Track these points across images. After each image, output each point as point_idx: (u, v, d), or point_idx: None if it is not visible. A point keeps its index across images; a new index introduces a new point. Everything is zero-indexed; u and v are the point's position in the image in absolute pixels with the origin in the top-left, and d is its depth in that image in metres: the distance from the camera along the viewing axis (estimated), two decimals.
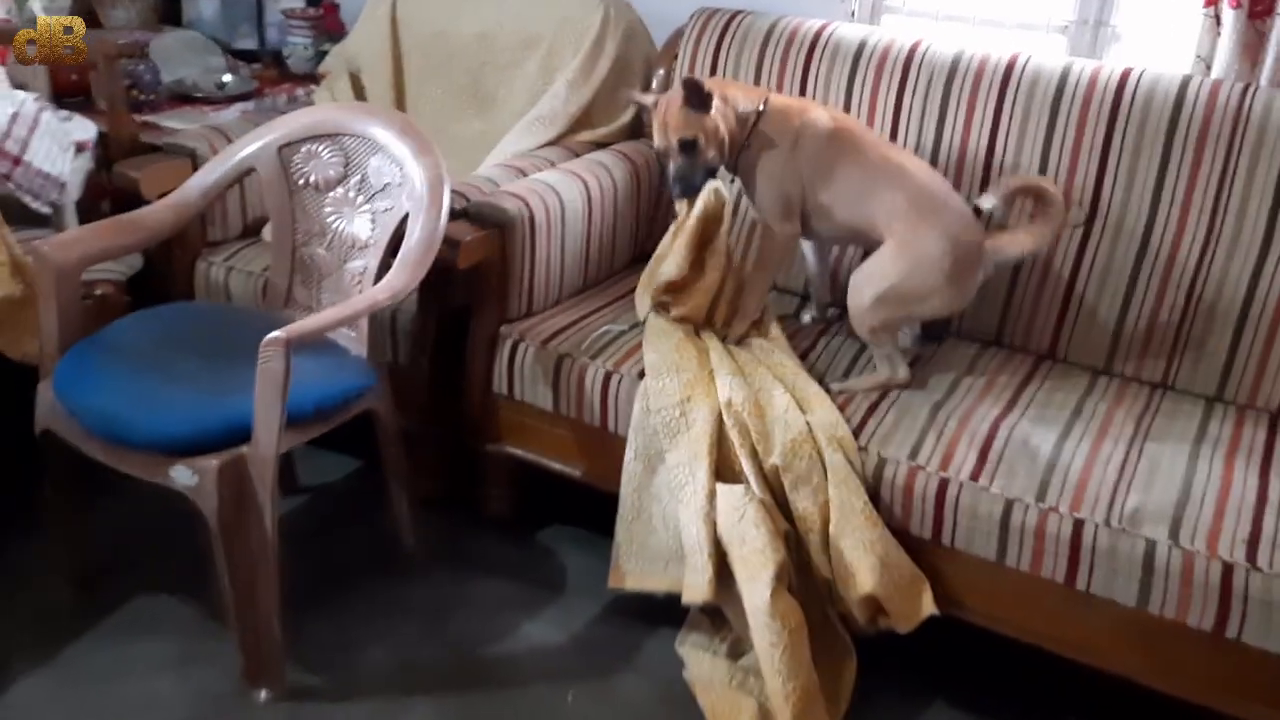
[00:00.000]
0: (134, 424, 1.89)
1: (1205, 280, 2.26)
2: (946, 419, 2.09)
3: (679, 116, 2.19)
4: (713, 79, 2.32)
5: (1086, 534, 1.86)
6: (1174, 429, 2.12)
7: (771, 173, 2.27)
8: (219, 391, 1.95)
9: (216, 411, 1.90)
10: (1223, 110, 2.23)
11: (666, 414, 2.13)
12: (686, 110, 2.19)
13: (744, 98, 2.26)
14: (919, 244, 2.17)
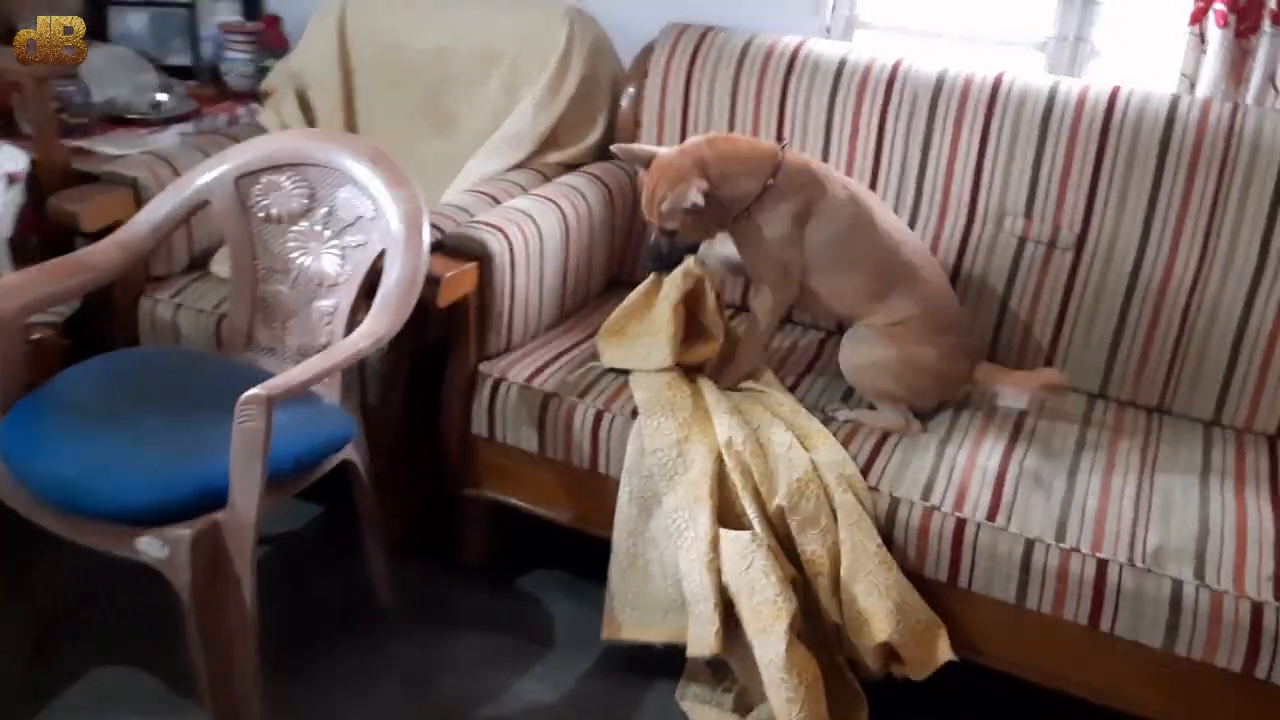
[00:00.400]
0: (94, 492, 1.72)
1: (1200, 302, 2.23)
2: (955, 456, 2.03)
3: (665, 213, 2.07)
4: (714, 138, 2.15)
5: (1111, 574, 1.81)
6: (1179, 459, 2.08)
7: (775, 241, 2.13)
8: (186, 452, 1.79)
9: (186, 475, 1.74)
10: (1214, 130, 2.20)
11: (663, 454, 2.02)
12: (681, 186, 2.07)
13: (746, 175, 2.10)
14: (920, 357, 2.13)
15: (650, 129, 2.61)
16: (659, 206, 2.07)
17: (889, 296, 2.16)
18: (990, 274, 2.36)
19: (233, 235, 2.13)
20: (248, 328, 2.16)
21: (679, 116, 2.57)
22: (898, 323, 2.14)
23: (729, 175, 2.08)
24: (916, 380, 2.13)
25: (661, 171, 2.08)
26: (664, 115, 2.59)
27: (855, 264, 2.16)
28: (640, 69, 2.64)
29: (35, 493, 1.76)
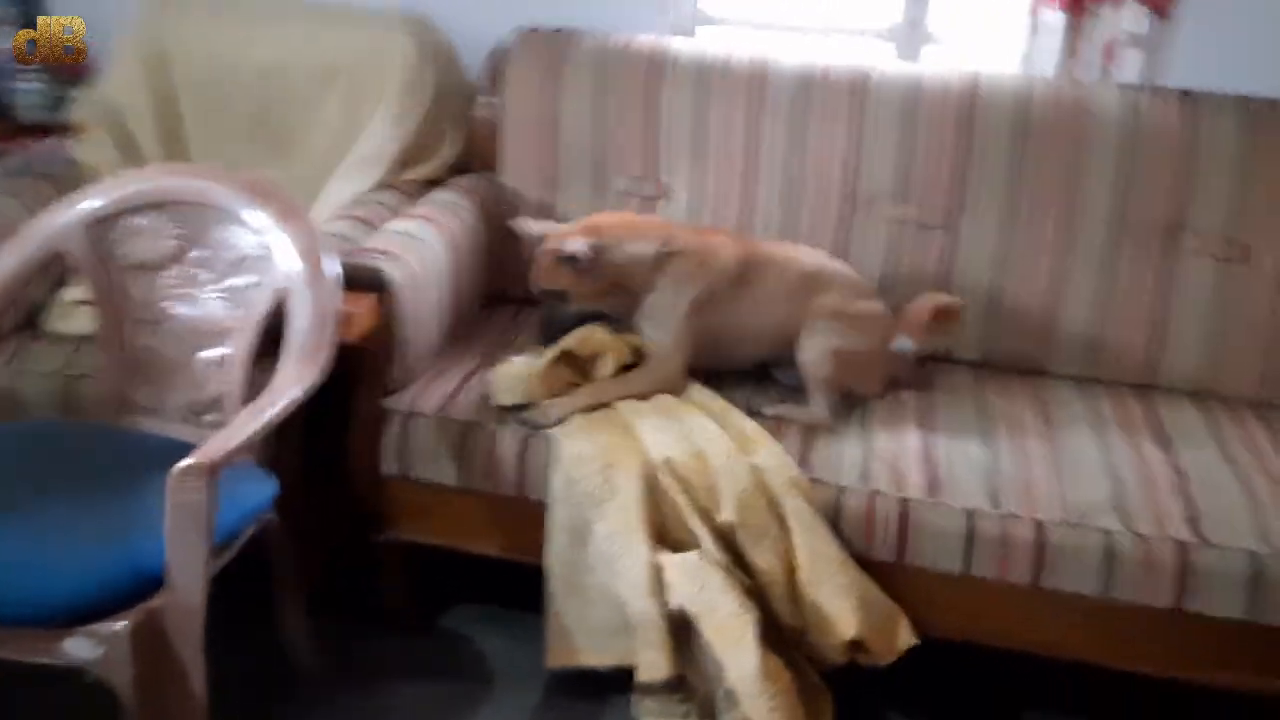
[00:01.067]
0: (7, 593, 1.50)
1: (1065, 267, 2.37)
2: (879, 443, 2.07)
3: (549, 269, 2.11)
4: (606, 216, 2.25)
5: (1049, 534, 1.90)
6: (1072, 416, 2.21)
7: (678, 313, 2.16)
8: (105, 536, 1.59)
9: (114, 562, 1.55)
10: (1066, 107, 2.34)
11: (588, 483, 1.97)
12: (556, 263, 2.10)
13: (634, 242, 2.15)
14: (873, 329, 2.24)
15: (515, 138, 2.53)
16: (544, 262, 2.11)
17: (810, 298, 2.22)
18: (870, 255, 2.42)
19: (95, 288, 1.92)
20: (120, 389, 1.94)
21: (544, 124, 2.51)
22: (846, 316, 2.20)
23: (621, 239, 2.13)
24: (871, 366, 2.22)
25: (544, 250, 2.15)
26: (527, 123, 2.51)
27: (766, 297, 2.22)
28: (497, 77, 2.55)
29: None
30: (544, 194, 2.54)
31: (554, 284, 2.13)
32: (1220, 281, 2.33)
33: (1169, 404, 2.29)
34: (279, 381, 1.70)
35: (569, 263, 2.10)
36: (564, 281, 2.12)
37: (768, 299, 2.23)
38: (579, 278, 2.11)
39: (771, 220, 2.45)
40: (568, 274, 2.11)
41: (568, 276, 2.11)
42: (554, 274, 2.12)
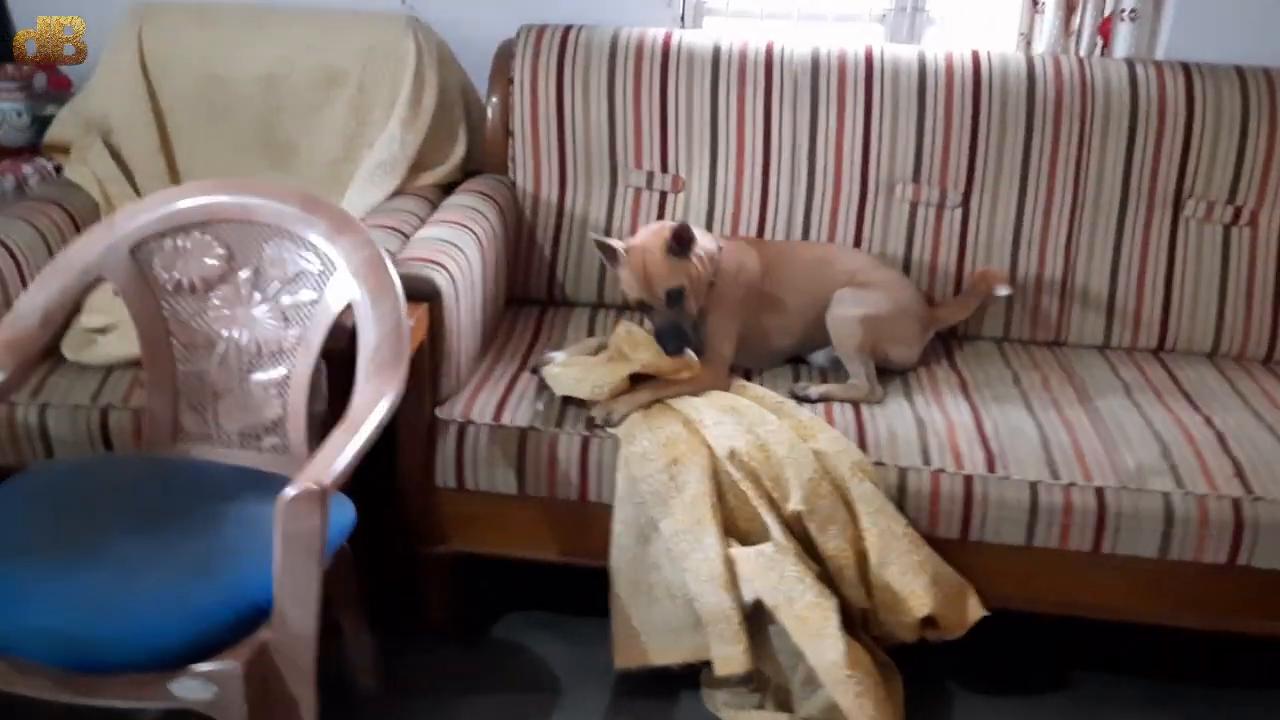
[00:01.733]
0: (109, 640, 1.44)
1: (1078, 241, 2.44)
2: (929, 417, 2.11)
3: (663, 265, 2.08)
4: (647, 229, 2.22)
5: (1109, 500, 1.95)
6: (1102, 383, 2.28)
7: (731, 311, 2.20)
8: (200, 571, 1.53)
9: (217, 598, 1.49)
10: (1069, 84, 2.41)
11: (653, 481, 1.97)
12: (670, 257, 2.08)
13: (703, 236, 2.19)
14: (899, 290, 2.30)
15: (524, 138, 2.50)
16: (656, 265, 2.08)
17: (833, 266, 2.31)
18: (889, 239, 2.46)
19: (140, 314, 1.84)
20: (170, 417, 1.87)
21: (554, 121, 2.48)
22: (869, 283, 2.26)
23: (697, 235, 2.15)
24: (904, 328, 2.25)
25: (644, 246, 2.12)
26: (538, 121, 2.49)
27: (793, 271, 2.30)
28: (502, 76, 2.51)
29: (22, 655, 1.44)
30: (557, 193, 2.52)
31: (675, 282, 2.09)
32: (1226, 245, 2.42)
33: (1187, 365, 2.37)
34: (361, 398, 1.65)
35: (681, 254, 2.09)
36: (682, 278, 2.09)
37: (792, 291, 2.28)
38: (691, 271, 2.10)
39: (788, 209, 2.47)
40: (682, 268, 2.09)
41: (683, 270, 2.09)
42: (670, 271, 2.08)
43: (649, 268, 2.09)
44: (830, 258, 2.36)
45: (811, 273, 2.31)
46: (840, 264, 2.34)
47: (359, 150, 2.49)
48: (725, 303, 2.20)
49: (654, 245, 2.10)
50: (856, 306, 2.23)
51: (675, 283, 2.08)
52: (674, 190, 2.50)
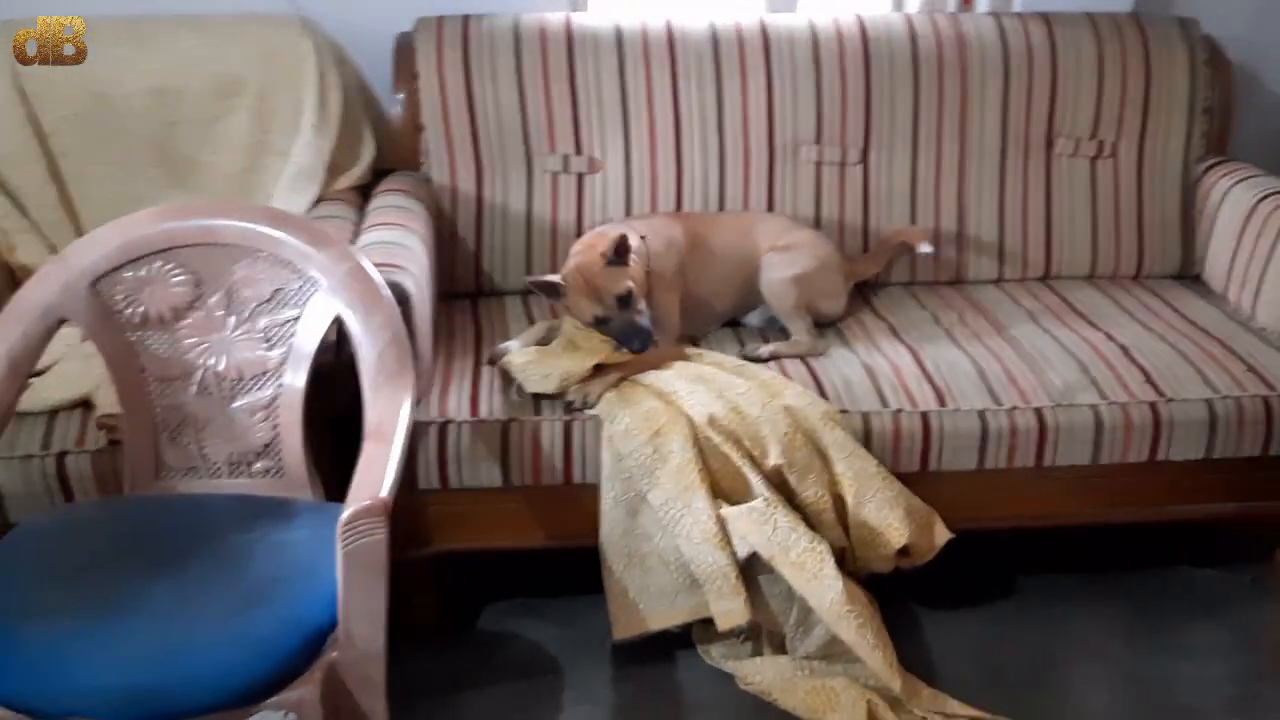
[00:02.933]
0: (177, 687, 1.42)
1: (966, 187, 2.63)
2: (874, 363, 2.25)
3: (606, 275, 2.14)
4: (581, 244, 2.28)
5: (1047, 418, 2.15)
6: (1010, 313, 2.49)
7: (670, 285, 2.28)
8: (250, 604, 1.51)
9: (277, 629, 1.48)
10: (947, 40, 2.59)
11: (638, 455, 2.04)
12: (609, 267, 2.13)
13: (627, 228, 2.24)
14: (819, 247, 2.44)
15: (436, 131, 2.49)
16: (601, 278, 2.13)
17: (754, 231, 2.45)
18: (799, 200, 2.59)
19: (108, 351, 1.76)
20: (154, 453, 1.81)
21: (465, 112, 2.48)
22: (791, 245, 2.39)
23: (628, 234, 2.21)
24: (830, 281, 2.41)
25: (580, 266, 2.16)
26: (448, 114, 2.48)
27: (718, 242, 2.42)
28: (406, 70, 2.49)
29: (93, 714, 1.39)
30: (474, 184, 2.52)
31: (621, 287, 2.13)
32: (1093, 177, 2.67)
33: (1075, 290, 2.61)
34: (376, 410, 1.65)
35: (621, 260, 2.14)
36: (626, 281, 2.14)
37: (720, 258, 2.39)
38: (634, 273, 2.16)
39: (702, 180, 2.56)
40: (626, 272, 2.14)
41: (627, 274, 2.14)
42: (615, 278, 2.13)
43: (593, 282, 2.14)
44: (750, 223, 2.48)
45: (735, 239, 2.42)
46: (761, 228, 2.46)
47: (265, 159, 2.42)
48: (664, 279, 2.28)
49: (591, 260, 2.16)
50: (786, 268, 2.35)
51: (622, 287, 2.14)
52: (591, 171, 2.55)
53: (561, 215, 2.54)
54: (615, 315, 2.14)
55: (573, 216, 2.54)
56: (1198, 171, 2.68)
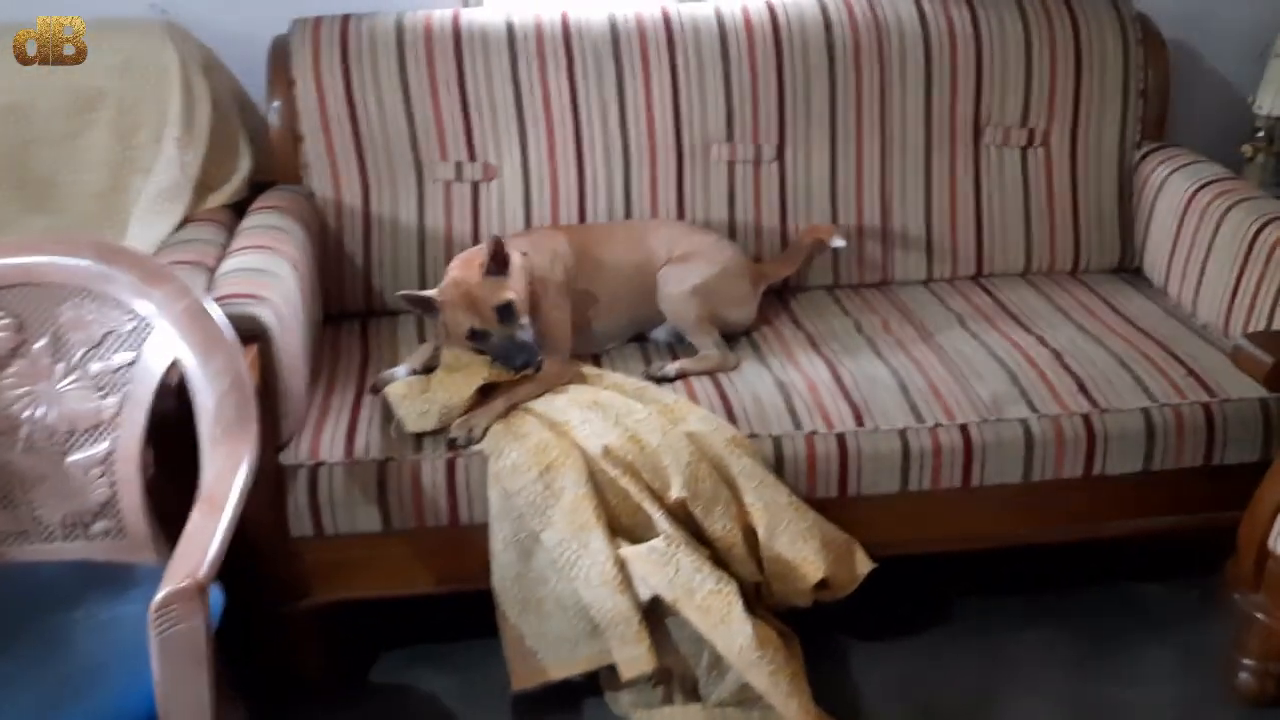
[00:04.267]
0: None
1: (890, 185, 2.47)
2: (787, 378, 2.10)
3: (485, 286, 1.98)
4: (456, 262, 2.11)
5: (973, 435, 2.00)
6: (936, 317, 2.33)
7: (557, 301, 2.12)
8: (57, 702, 1.34)
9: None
10: (864, 25, 2.42)
11: (528, 492, 1.88)
12: (488, 278, 1.98)
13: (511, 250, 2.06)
14: (719, 252, 2.28)
15: (316, 141, 2.31)
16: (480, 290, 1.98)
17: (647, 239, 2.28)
18: (711, 203, 2.43)
19: None
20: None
21: (346, 120, 2.30)
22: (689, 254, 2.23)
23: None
24: (735, 288, 2.24)
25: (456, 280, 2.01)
26: (328, 122, 2.30)
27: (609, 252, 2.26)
28: (282, 77, 2.30)
29: None
30: (360, 197, 2.35)
31: (502, 297, 1.97)
32: (1025, 167, 2.51)
33: (1007, 288, 2.46)
34: (213, 470, 1.48)
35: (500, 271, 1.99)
36: (508, 292, 1.98)
37: (612, 271, 2.23)
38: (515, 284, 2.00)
39: (606, 185, 2.39)
40: (507, 283, 1.99)
41: (508, 285, 1.99)
42: (495, 288, 1.98)
43: (472, 293, 1.98)
44: (642, 232, 2.32)
45: (627, 250, 2.27)
46: (655, 237, 2.30)
47: (129, 178, 2.23)
48: (549, 295, 2.12)
49: (469, 273, 2.01)
50: (683, 281, 2.19)
51: (501, 298, 1.98)
52: (486, 179, 2.37)
53: (456, 227, 2.37)
54: (495, 330, 1.98)
55: (468, 228, 2.37)
56: (1135, 158, 2.53)
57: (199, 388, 1.56)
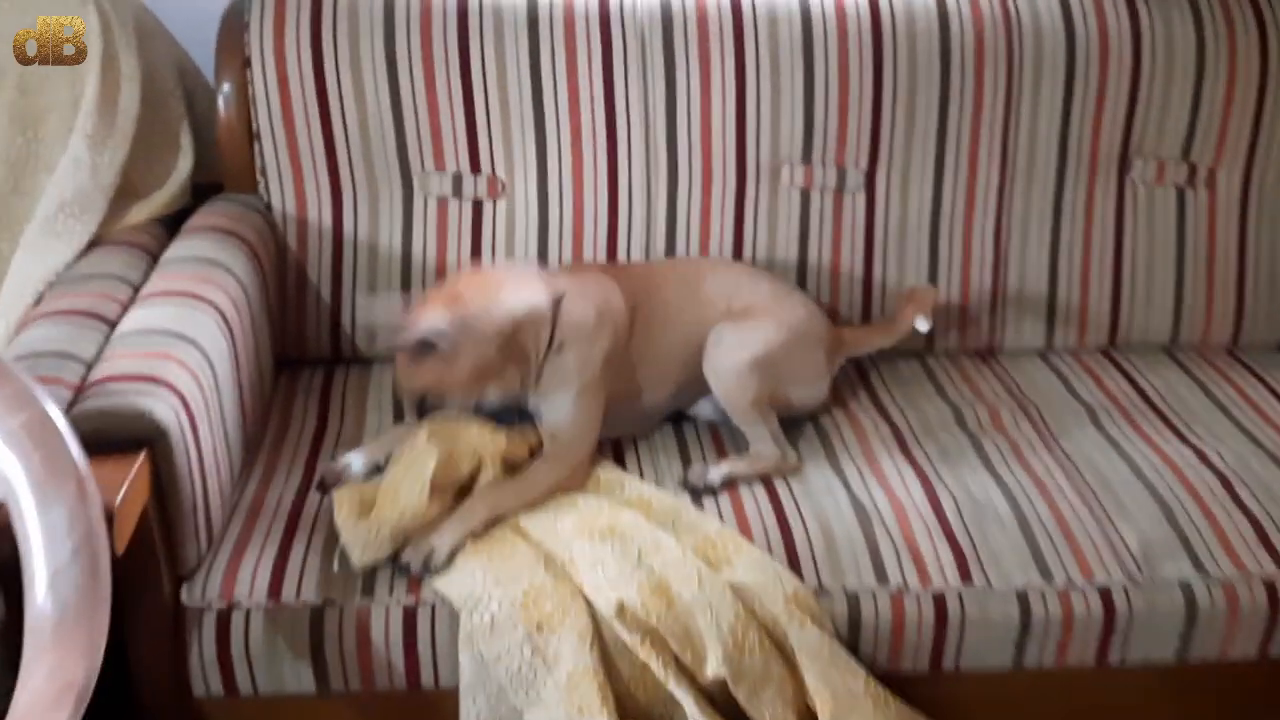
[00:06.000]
0: None
1: (1009, 220, 1.95)
2: (870, 499, 1.58)
3: (402, 368, 1.57)
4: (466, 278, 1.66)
5: (1117, 602, 1.48)
6: (1062, 409, 1.82)
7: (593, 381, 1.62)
8: None
9: None
10: (992, 24, 1.88)
11: (511, 659, 1.38)
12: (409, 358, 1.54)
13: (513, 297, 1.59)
14: (789, 310, 1.75)
15: (275, 139, 1.80)
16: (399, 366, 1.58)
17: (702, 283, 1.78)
18: (778, 239, 1.91)
19: None
20: None
21: (316, 113, 1.79)
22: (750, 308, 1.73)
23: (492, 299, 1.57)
24: (806, 361, 1.74)
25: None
26: (291, 115, 1.79)
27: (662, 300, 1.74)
28: (233, 55, 1.79)
29: None
30: (330, 213, 1.84)
31: (417, 383, 1.51)
32: (1181, 211, 1.97)
33: (1149, 369, 1.94)
34: (26, 696, 0.99)
35: (427, 350, 1.48)
36: (428, 378, 1.50)
37: (663, 329, 1.72)
38: (447, 368, 1.50)
39: (644, 212, 1.88)
40: (432, 367, 1.49)
41: (432, 370, 1.50)
42: (413, 371, 1.51)
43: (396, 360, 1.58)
44: (697, 274, 1.81)
45: (683, 299, 1.75)
46: (710, 279, 1.79)
47: (35, 177, 1.72)
48: (585, 369, 1.61)
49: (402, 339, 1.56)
50: (740, 349, 1.68)
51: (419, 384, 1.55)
52: (491, 196, 1.86)
53: (451, 256, 1.86)
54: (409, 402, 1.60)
55: (466, 258, 1.87)
56: None
57: (31, 549, 1.06)
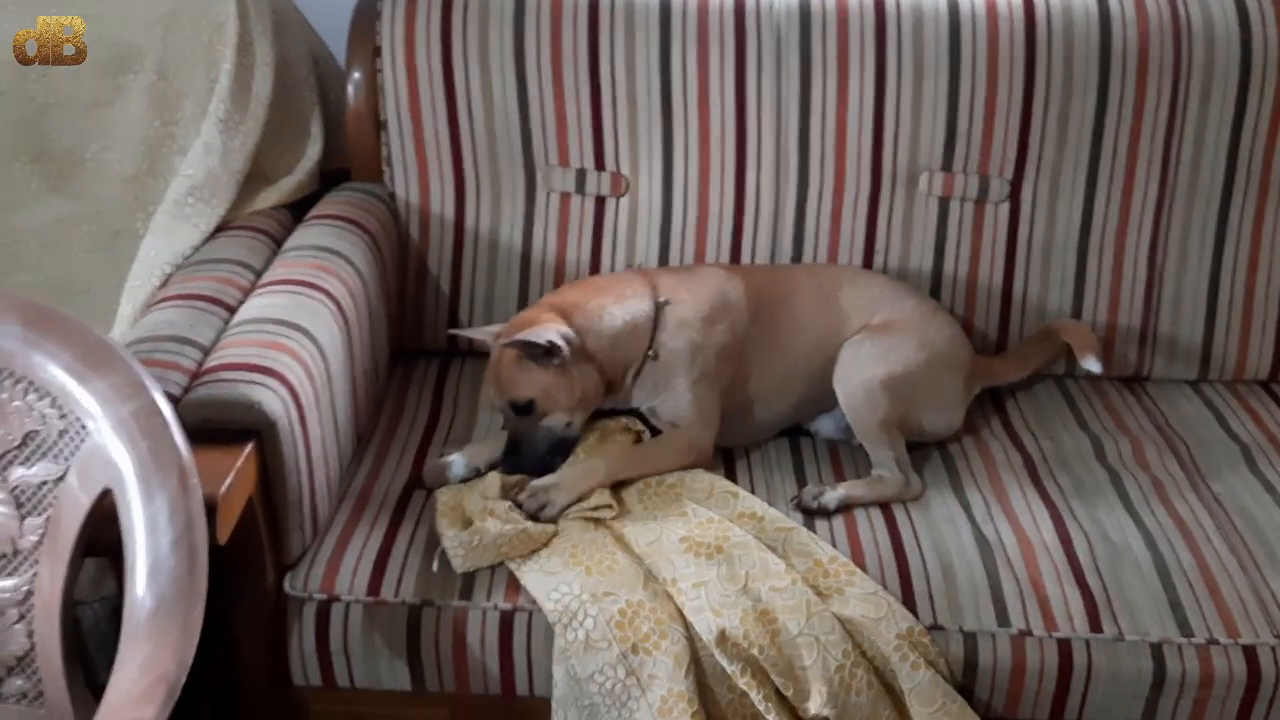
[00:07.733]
0: None
1: (1166, 239, 1.81)
2: (996, 535, 1.49)
3: (510, 371, 1.52)
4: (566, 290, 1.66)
5: (1263, 662, 1.36)
6: (1214, 447, 1.69)
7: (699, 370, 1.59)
8: None
9: None
10: (1159, 26, 1.74)
11: (605, 678, 1.34)
12: (522, 362, 1.49)
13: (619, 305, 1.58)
14: (934, 330, 1.67)
15: (402, 130, 1.79)
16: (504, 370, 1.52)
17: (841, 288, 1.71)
18: (912, 250, 1.82)
19: None
20: None
21: (443, 105, 1.78)
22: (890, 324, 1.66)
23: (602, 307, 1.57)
24: (943, 386, 1.66)
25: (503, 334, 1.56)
26: (419, 106, 1.78)
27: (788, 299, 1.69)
28: (364, 44, 1.79)
29: None
30: (453, 206, 1.83)
31: (524, 393, 1.48)
32: None
33: None
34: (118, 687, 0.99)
35: (542, 360, 1.46)
36: (536, 388, 1.47)
37: (790, 335, 1.66)
38: (558, 379, 1.47)
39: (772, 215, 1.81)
40: (542, 376, 1.46)
41: (542, 379, 1.46)
42: (522, 380, 1.49)
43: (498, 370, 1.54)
44: (835, 283, 1.72)
45: (815, 307, 1.68)
46: (849, 290, 1.71)
47: (170, 160, 1.76)
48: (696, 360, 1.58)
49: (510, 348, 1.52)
50: (875, 365, 1.60)
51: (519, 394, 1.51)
52: (614, 194, 1.82)
53: (571, 253, 1.84)
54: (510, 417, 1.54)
55: (587, 255, 1.84)
56: None
57: (131, 537, 1.07)
